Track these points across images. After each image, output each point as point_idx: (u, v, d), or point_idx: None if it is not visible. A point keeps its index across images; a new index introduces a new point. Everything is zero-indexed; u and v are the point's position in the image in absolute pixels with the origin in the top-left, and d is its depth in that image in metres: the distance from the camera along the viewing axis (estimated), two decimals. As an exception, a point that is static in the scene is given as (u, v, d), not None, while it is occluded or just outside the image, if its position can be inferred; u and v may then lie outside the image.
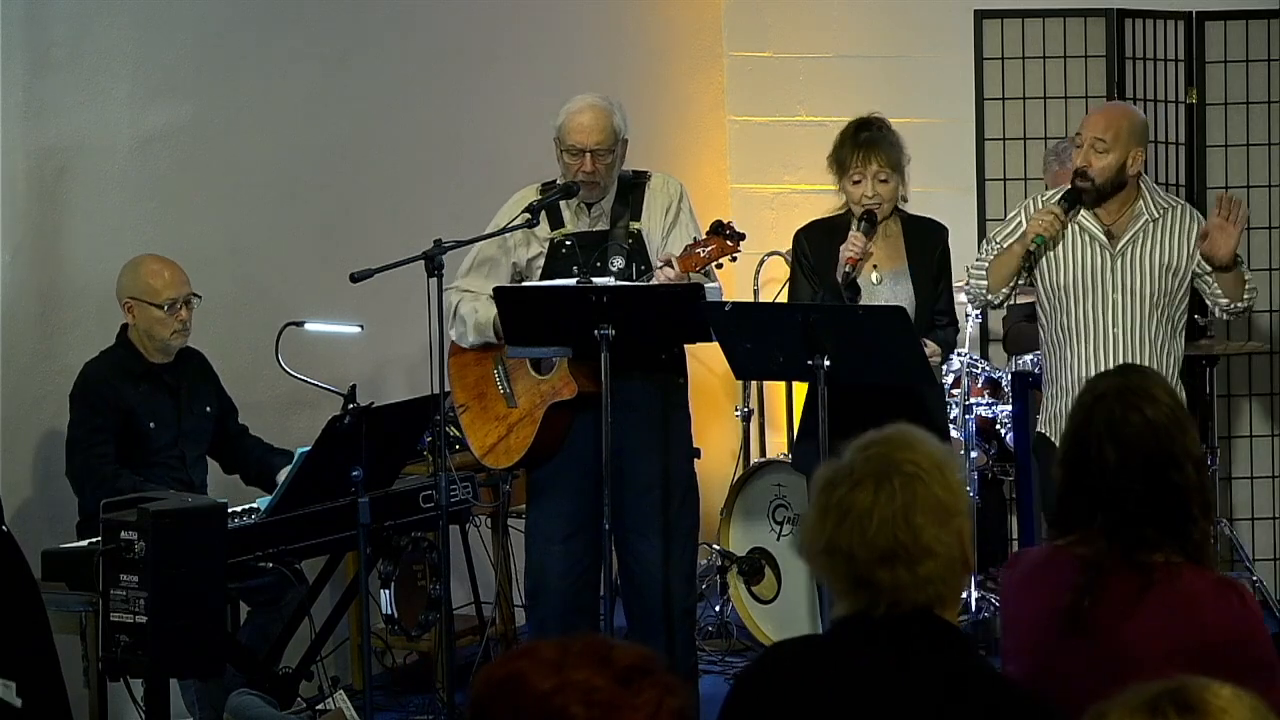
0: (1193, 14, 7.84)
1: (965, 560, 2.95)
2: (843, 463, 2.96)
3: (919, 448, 2.95)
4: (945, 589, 2.94)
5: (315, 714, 6.07)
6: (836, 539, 2.91)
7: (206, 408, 6.26)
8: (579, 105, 5.99)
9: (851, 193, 5.97)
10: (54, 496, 6.21)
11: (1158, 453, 3.44)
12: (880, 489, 2.90)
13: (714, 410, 8.22)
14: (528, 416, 6.01)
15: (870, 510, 2.89)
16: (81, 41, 6.35)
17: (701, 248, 5.77)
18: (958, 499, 2.94)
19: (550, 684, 2.28)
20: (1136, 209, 5.96)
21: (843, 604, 2.96)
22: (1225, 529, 7.52)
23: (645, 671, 2.31)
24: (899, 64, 8.38)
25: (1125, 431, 3.45)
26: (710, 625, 7.50)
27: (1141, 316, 5.92)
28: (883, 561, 2.89)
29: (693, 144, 8.59)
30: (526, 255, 6.05)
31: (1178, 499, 3.43)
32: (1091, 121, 6.03)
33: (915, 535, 2.89)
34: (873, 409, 5.58)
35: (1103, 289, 5.94)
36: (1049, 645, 3.44)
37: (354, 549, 5.95)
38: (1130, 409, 3.47)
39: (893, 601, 2.91)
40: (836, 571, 2.94)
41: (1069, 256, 5.96)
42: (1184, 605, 3.39)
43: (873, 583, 2.90)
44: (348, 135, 7.19)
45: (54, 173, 6.29)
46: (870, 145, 5.93)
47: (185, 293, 6.12)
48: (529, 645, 2.36)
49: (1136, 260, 5.93)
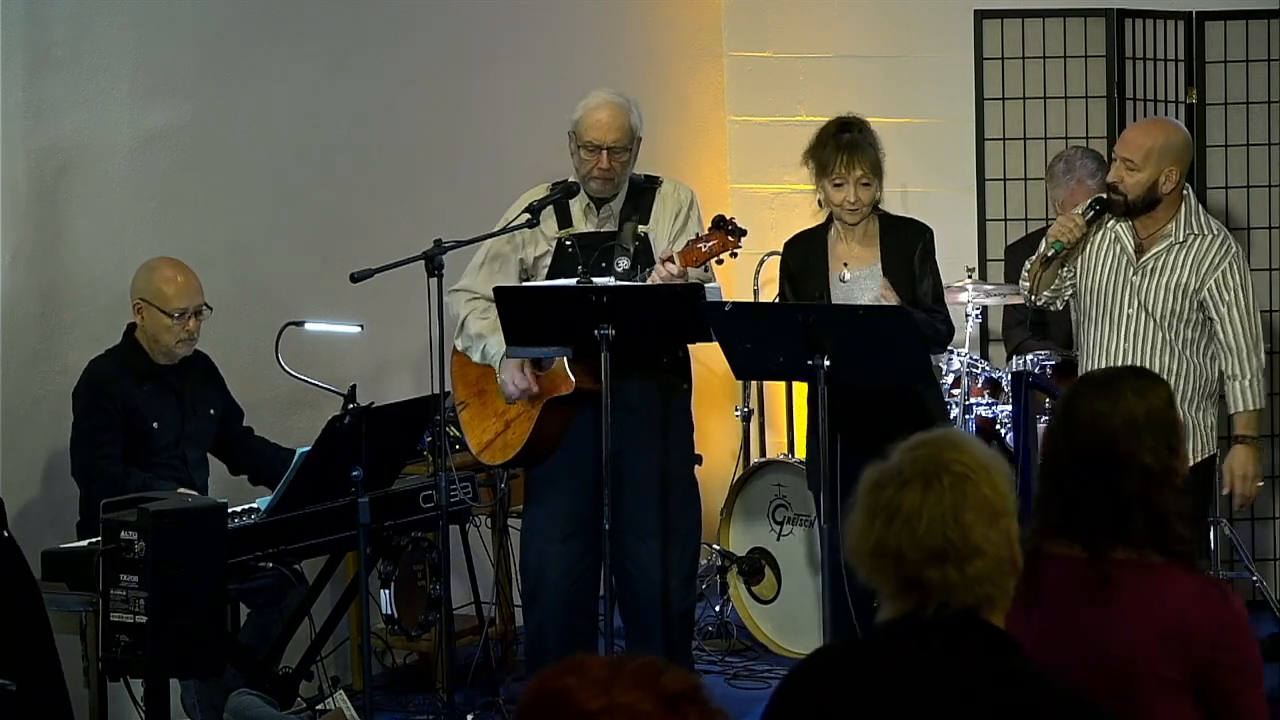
0: (1193, 14, 7.84)
1: (1013, 560, 2.95)
2: (890, 464, 2.97)
3: (966, 448, 2.96)
4: (994, 589, 2.93)
5: (315, 714, 6.07)
6: (886, 539, 2.91)
7: (210, 410, 6.26)
8: (597, 101, 5.98)
9: (832, 195, 5.95)
10: (54, 497, 6.22)
11: (1101, 450, 3.44)
12: (929, 488, 2.91)
13: (714, 410, 8.22)
14: (525, 413, 6.01)
15: (919, 509, 2.90)
16: (81, 41, 6.35)
17: (703, 242, 5.78)
18: (1005, 499, 2.94)
19: (598, 704, 2.26)
20: (1167, 229, 5.97)
21: (891, 606, 2.96)
22: (1225, 529, 7.51)
23: (693, 699, 2.29)
24: (899, 64, 8.38)
25: (1076, 418, 3.47)
26: (710, 625, 7.50)
27: (1149, 335, 5.94)
28: (932, 561, 2.89)
29: (693, 144, 8.59)
30: (534, 253, 6.06)
31: (1120, 502, 3.43)
32: (1124, 140, 6.09)
33: (965, 534, 2.89)
34: (873, 410, 5.61)
35: (1121, 303, 5.96)
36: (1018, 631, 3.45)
37: (354, 549, 5.95)
38: (1089, 399, 3.48)
39: (942, 602, 2.90)
40: (886, 573, 2.94)
41: (1098, 263, 6.00)
42: (1160, 604, 3.38)
43: (922, 582, 2.90)
44: (348, 135, 7.19)
45: (54, 173, 6.29)
46: (853, 149, 5.91)
47: (197, 303, 6.12)
48: (581, 660, 2.33)
49: (1155, 279, 5.95)
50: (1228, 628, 3.39)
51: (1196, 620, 3.37)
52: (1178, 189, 5.97)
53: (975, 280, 7.51)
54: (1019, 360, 7.33)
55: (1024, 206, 8.08)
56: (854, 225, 5.97)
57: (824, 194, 5.98)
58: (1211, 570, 7.33)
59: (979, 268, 7.89)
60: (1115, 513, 3.43)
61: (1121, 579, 3.42)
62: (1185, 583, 3.41)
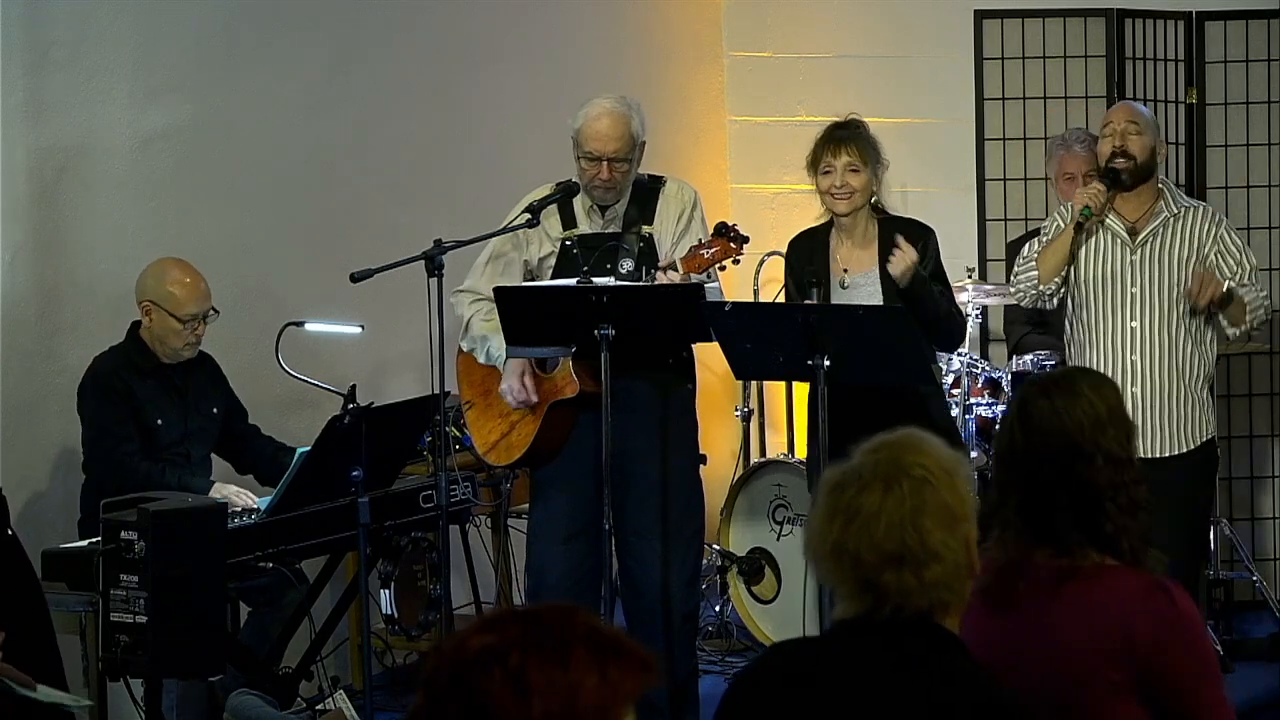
0: (1193, 14, 7.85)
1: (971, 565, 2.96)
2: (851, 465, 2.96)
3: (928, 452, 2.95)
4: (950, 595, 2.94)
5: (315, 714, 6.06)
6: (844, 541, 2.91)
7: (213, 409, 6.26)
8: (597, 111, 5.95)
9: (821, 183, 5.95)
10: (54, 496, 6.22)
11: (1063, 442, 3.40)
12: (889, 492, 2.91)
13: (714, 410, 8.21)
14: (530, 415, 6.01)
15: (878, 513, 2.90)
16: (81, 41, 6.35)
17: (706, 249, 5.77)
18: (965, 504, 2.95)
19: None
20: (1158, 207, 5.97)
21: (846, 606, 2.96)
22: (1225, 529, 7.51)
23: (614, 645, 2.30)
24: (899, 64, 8.38)
25: (1032, 414, 3.44)
26: (710, 625, 7.51)
27: (1161, 311, 5.92)
28: (889, 564, 2.89)
29: (693, 144, 8.59)
30: (538, 254, 6.05)
31: (1086, 492, 3.39)
32: (1116, 112, 6.09)
33: (923, 539, 2.89)
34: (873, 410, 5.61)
35: (1122, 284, 5.94)
36: (974, 624, 3.44)
37: (354, 549, 5.95)
38: (1043, 396, 3.45)
39: (897, 606, 2.90)
40: (843, 574, 2.94)
41: (1092, 253, 5.97)
42: (1106, 605, 3.34)
43: (879, 585, 2.90)
44: (348, 135, 7.19)
45: (54, 173, 6.29)
46: (840, 140, 5.93)
47: (206, 308, 6.12)
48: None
49: (1156, 254, 5.94)
50: (1173, 626, 3.33)
51: (1140, 621, 3.32)
52: (1159, 169, 6.01)
53: (975, 280, 7.51)
54: (1019, 360, 7.34)
55: (1024, 206, 8.08)
56: (846, 216, 5.94)
57: (817, 186, 5.98)
58: (1211, 571, 7.34)
59: (979, 268, 7.90)
60: (1086, 505, 3.39)
61: (1072, 580, 3.37)
62: (1131, 582, 3.36)
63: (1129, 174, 5.92)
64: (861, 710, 2.91)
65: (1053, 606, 3.38)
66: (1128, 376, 5.89)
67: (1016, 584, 3.41)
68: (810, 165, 5.97)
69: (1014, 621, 3.41)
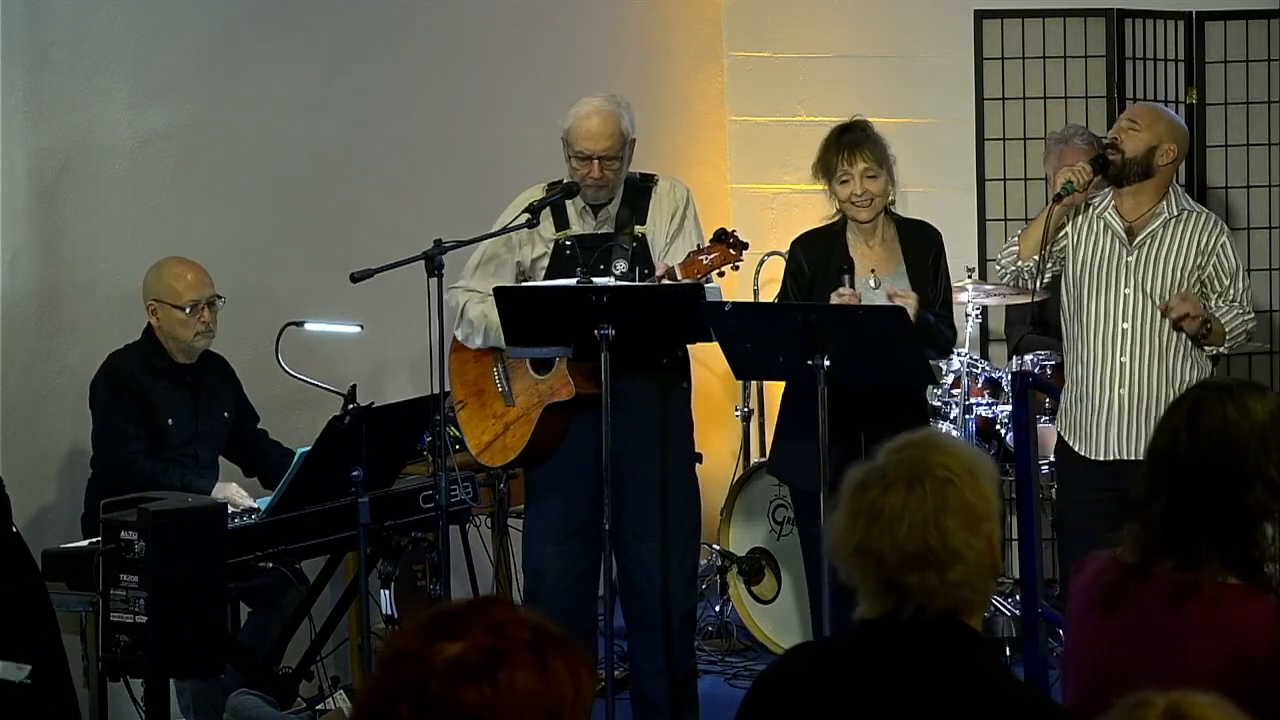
0: (1193, 14, 7.85)
1: (994, 566, 2.95)
2: (875, 464, 2.95)
3: (952, 451, 2.95)
4: (973, 594, 2.93)
5: (315, 714, 6.07)
6: (867, 541, 2.91)
7: (224, 412, 6.28)
8: (586, 110, 5.95)
9: (840, 192, 5.94)
10: (54, 496, 6.22)
11: (1226, 458, 3.35)
12: (912, 492, 2.90)
13: (714, 410, 8.22)
14: (524, 416, 6.01)
15: (901, 513, 2.89)
16: (81, 41, 6.35)
17: (705, 255, 5.77)
18: (988, 504, 2.93)
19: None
20: (1158, 208, 5.95)
21: (869, 605, 2.95)
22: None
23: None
24: (899, 64, 8.39)
25: (1202, 421, 3.39)
26: (710, 625, 7.50)
27: (1153, 315, 5.90)
28: (912, 565, 2.88)
29: (693, 144, 8.59)
30: (531, 255, 6.05)
31: (1241, 514, 3.34)
32: (1129, 110, 6.17)
33: (945, 540, 2.88)
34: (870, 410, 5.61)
35: (1116, 285, 5.92)
36: (1082, 621, 3.42)
37: (354, 549, 5.95)
38: (1217, 402, 3.41)
39: (920, 605, 2.90)
40: (866, 573, 2.93)
41: (1087, 248, 5.95)
42: (1229, 625, 3.31)
43: (902, 586, 2.90)
44: (348, 135, 7.19)
45: (54, 173, 6.29)
46: (854, 145, 5.91)
47: (208, 294, 6.15)
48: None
49: (1152, 256, 5.92)
50: None
51: (1258, 641, 3.29)
52: (1171, 169, 5.96)
53: (975, 280, 7.51)
54: (1019, 360, 7.33)
55: (1024, 206, 8.08)
56: (867, 223, 5.94)
57: (834, 196, 5.97)
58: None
59: (979, 268, 7.90)
60: (1238, 527, 3.34)
61: (1195, 597, 3.34)
62: (1258, 604, 3.33)
63: (1115, 168, 5.91)
64: (887, 709, 2.90)
65: (1175, 621, 3.34)
66: (1116, 378, 5.88)
67: (1129, 589, 3.38)
68: (823, 172, 5.94)
69: (1131, 629, 3.37)
